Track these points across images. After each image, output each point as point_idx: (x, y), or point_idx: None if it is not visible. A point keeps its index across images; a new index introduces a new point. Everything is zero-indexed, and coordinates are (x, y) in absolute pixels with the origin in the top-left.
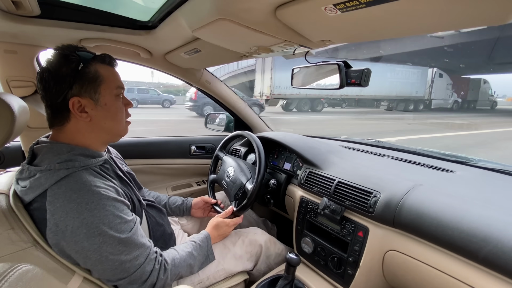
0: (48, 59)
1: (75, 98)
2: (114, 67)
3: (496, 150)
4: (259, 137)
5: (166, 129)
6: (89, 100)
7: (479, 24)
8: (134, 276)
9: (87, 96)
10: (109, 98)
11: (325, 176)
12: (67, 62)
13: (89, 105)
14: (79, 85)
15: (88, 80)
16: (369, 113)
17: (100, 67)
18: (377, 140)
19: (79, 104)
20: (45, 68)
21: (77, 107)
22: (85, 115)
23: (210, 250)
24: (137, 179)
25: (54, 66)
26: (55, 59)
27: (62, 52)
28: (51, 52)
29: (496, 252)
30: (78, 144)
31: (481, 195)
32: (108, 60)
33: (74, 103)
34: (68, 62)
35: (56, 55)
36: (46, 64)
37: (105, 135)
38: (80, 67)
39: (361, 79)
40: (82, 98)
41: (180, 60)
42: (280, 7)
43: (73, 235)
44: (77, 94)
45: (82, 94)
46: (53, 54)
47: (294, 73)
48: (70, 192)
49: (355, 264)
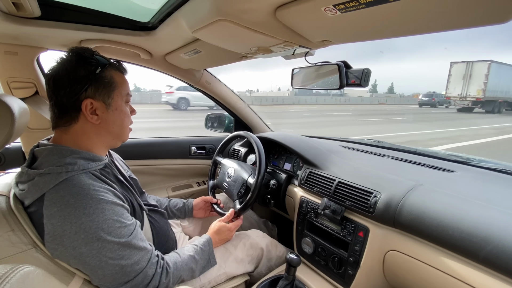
0: (64, 59)
1: (89, 99)
2: (126, 74)
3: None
4: (259, 137)
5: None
6: (102, 103)
7: (479, 24)
8: (135, 281)
9: (101, 99)
10: (120, 103)
11: (325, 176)
12: (85, 64)
13: (101, 108)
14: (94, 87)
15: (104, 84)
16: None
17: (115, 73)
18: (377, 140)
19: (91, 106)
20: (60, 67)
21: (89, 109)
22: (95, 117)
23: (212, 255)
24: (139, 184)
25: (71, 66)
26: (73, 59)
27: (81, 54)
28: (62, 53)
29: (497, 252)
30: (81, 147)
31: (482, 195)
32: (122, 68)
33: (87, 104)
34: (87, 65)
35: (73, 56)
36: (61, 63)
37: (110, 139)
38: (98, 71)
39: (361, 79)
40: (95, 101)
41: (180, 61)
42: (280, 7)
43: (71, 241)
44: (91, 96)
45: (96, 97)
46: (70, 54)
47: (294, 73)
48: (68, 197)
49: (355, 264)
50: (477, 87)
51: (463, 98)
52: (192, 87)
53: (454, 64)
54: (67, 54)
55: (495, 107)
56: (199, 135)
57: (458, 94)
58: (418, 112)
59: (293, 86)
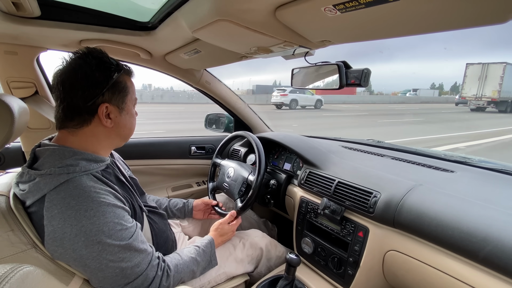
0: (79, 61)
1: (105, 104)
2: (133, 78)
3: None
4: (259, 137)
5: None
6: (116, 108)
7: (479, 24)
8: (135, 283)
9: (115, 104)
10: (131, 107)
11: (325, 176)
12: (104, 69)
13: (115, 112)
14: (111, 92)
15: (119, 90)
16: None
17: (127, 78)
18: (377, 140)
19: (106, 110)
20: (77, 69)
21: (104, 113)
22: (109, 121)
23: (214, 256)
24: (139, 184)
25: (90, 70)
26: (93, 63)
27: (100, 58)
28: (69, 54)
29: (496, 252)
30: (87, 148)
31: (481, 195)
32: (132, 72)
33: (103, 109)
34: (105, 70)
35: (91, 59)
36: (77, 64)
37: (118, 141)
38: (115, 76)
39: (360, 79)
40: (111, 105)
41: (180, 61)
42: (279, 7)
43: (71, 243)
44: (108, 101)
45: (112, 102)
46: (86, 57)
47: (294, 74)
48: (68, 199)
49: (355, 264)
50: (492, 88)
51: (478, 98)
52: (192, 87)
53: (470, 65)
54: (83, 55)
55: (508, 107)
56: (199, 135)
57: (474, 94)
58: (429, 112)
59: (293, 86)
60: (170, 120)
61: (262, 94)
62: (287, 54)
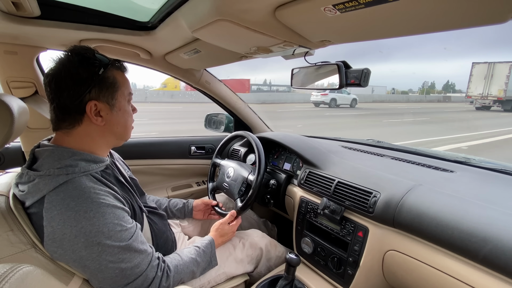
0: (64, 59)
1: (93, 101)
2: (127, 73)
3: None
4: (259, 137)
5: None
6: (106, 104)
7: (479, 24)
8: (135, 284)
9: (104, 100)
10: (123, 103)
11: (325, 176)
12: (88, 65)
13: (105, 110)
14: (98, 89)
15: (107, 85)
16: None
17: (117, 73)
18: (377, 140)
19: (95, 107)
20: (61, 68)
21: (93, 111)
22: (100, 119)
23: (214, 256)
24: (139, 185)
25: (73, 67)
26: (75, 60)
27: (83, 54)
28: (61, 53)
29: (496, 252)
30: (84, 149)
31: (481, 195)
32: (124, 67)
33: (91, 106)
34: (90, 66)
35: (75, 57)
36: (61, 64)
37: (114, 139)
38: (101, 71)
39: (360, 79)
40: (99, 102)
41: (180, 61)
42: (279, 7)
43: (71, 244)
44: (95, 98)
45: (100, 98)
46: (71, 55)
47: (294, 74)
48: (68, 200)
49: (355, 264)
50: (498, 87)
51: (484, 97)
52: (192, 87)
53: (476, 64)
54: (67, 54)
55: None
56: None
57: (480, 93)
58: (430, 111)
59: (292, 86)
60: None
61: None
62: (287, 54)
